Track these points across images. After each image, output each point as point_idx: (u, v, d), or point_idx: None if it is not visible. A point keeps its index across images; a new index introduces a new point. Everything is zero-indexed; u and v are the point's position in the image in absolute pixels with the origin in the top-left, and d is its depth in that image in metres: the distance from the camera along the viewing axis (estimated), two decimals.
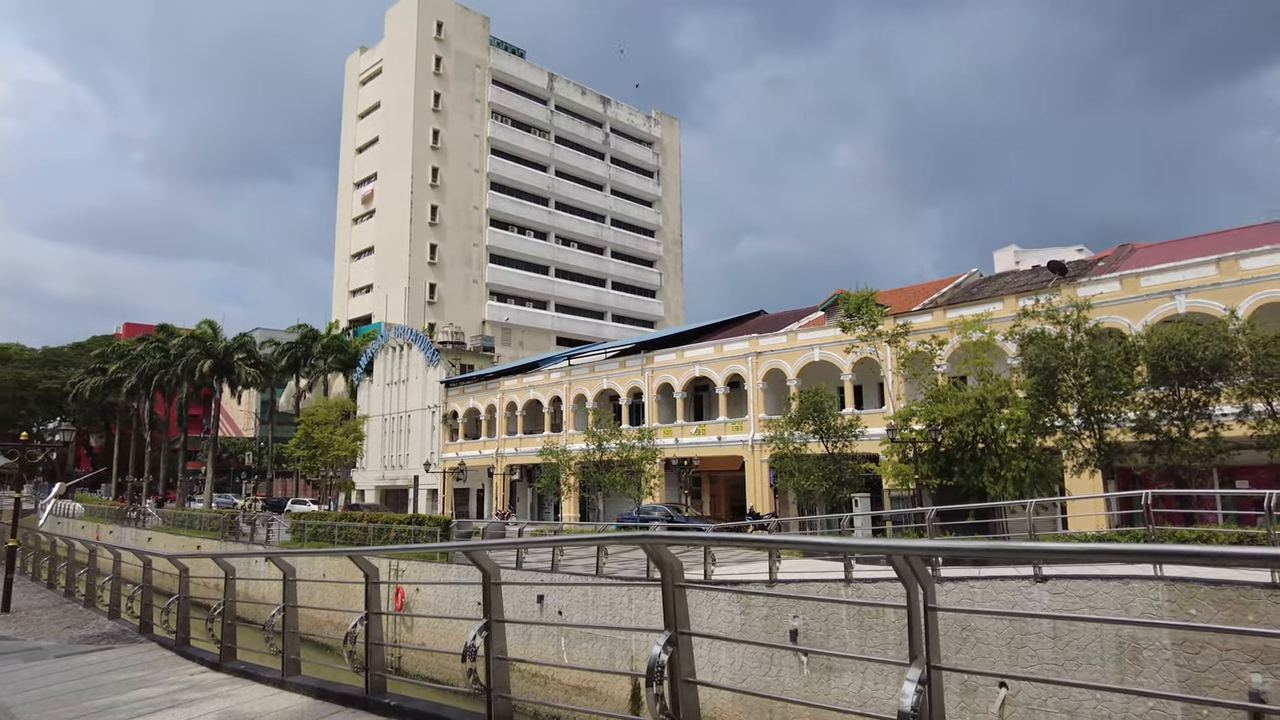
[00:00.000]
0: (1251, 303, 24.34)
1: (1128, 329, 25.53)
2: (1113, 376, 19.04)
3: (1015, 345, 22.43)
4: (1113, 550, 5.59)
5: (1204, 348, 18.26)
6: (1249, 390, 18.22)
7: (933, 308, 33.74)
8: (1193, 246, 31.60)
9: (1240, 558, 3.50)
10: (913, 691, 3.77)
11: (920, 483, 22.56)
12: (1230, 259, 25.57)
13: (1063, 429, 20.16)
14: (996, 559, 15.14)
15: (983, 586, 14.52)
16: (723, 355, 42.02)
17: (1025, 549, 4.52)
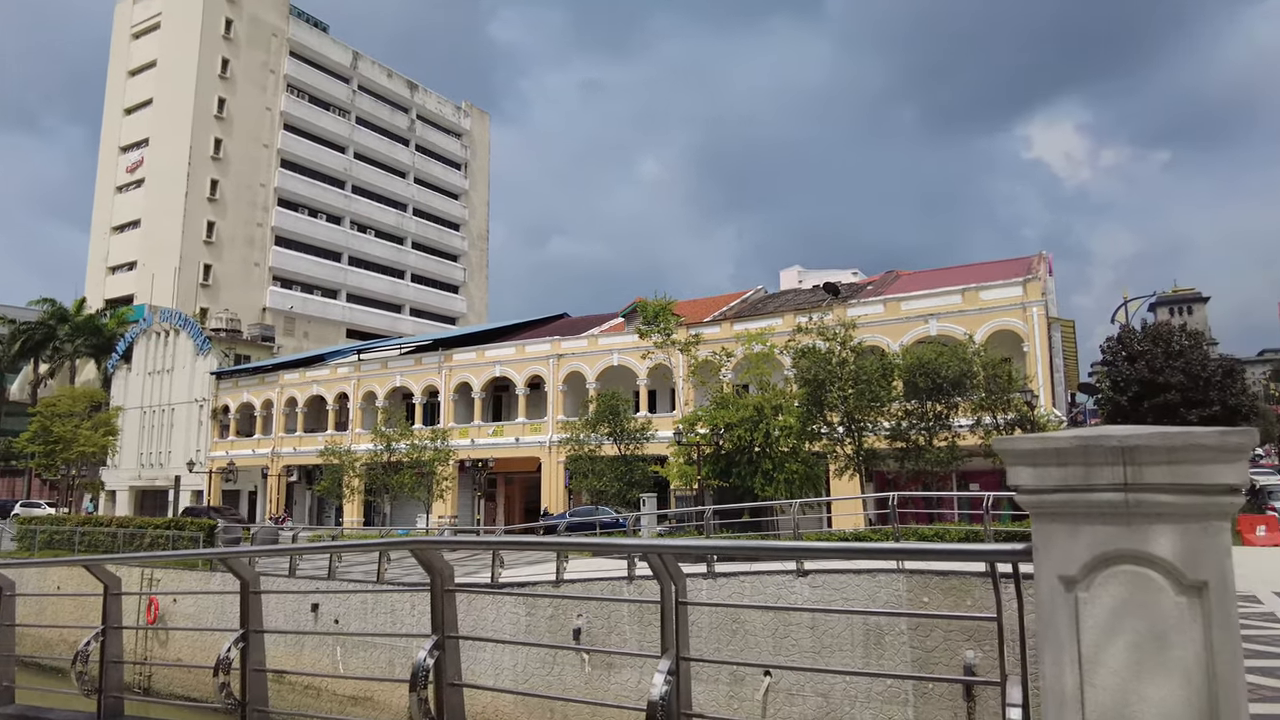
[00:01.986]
0: (987, 329, 27.97)
1: (888, 347, 28.42)
2: (872, 390, 21.18)
3: (790, 358, 24.27)
4: (768, 548, 6.21)
5: (947, 367, 20.77)
6: (981, 405, 20.94)
7: (722, 320, 35.68)
8: (946, 276, 35.73)
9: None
10: (662, 682, 3.99)
11: (702, 483, 23.79)
12: (972, 290, 29.23)
13: (828, 436, 22.11)
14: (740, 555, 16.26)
15: (752, 581, 15.55)
16: (525, 356, 41.91)
17: (753, 546, 4.91)
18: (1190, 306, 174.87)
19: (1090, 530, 2.78)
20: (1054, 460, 2.79)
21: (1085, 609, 2.79)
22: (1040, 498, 2.84)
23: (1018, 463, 2.89)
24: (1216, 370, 30.31)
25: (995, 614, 3.67)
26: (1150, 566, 2.70)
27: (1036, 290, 27.92)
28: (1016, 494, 2.97)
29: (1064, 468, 2.78)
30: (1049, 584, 2.86)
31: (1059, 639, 2.83)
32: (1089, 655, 2.77)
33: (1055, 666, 2.83)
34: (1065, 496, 2.79)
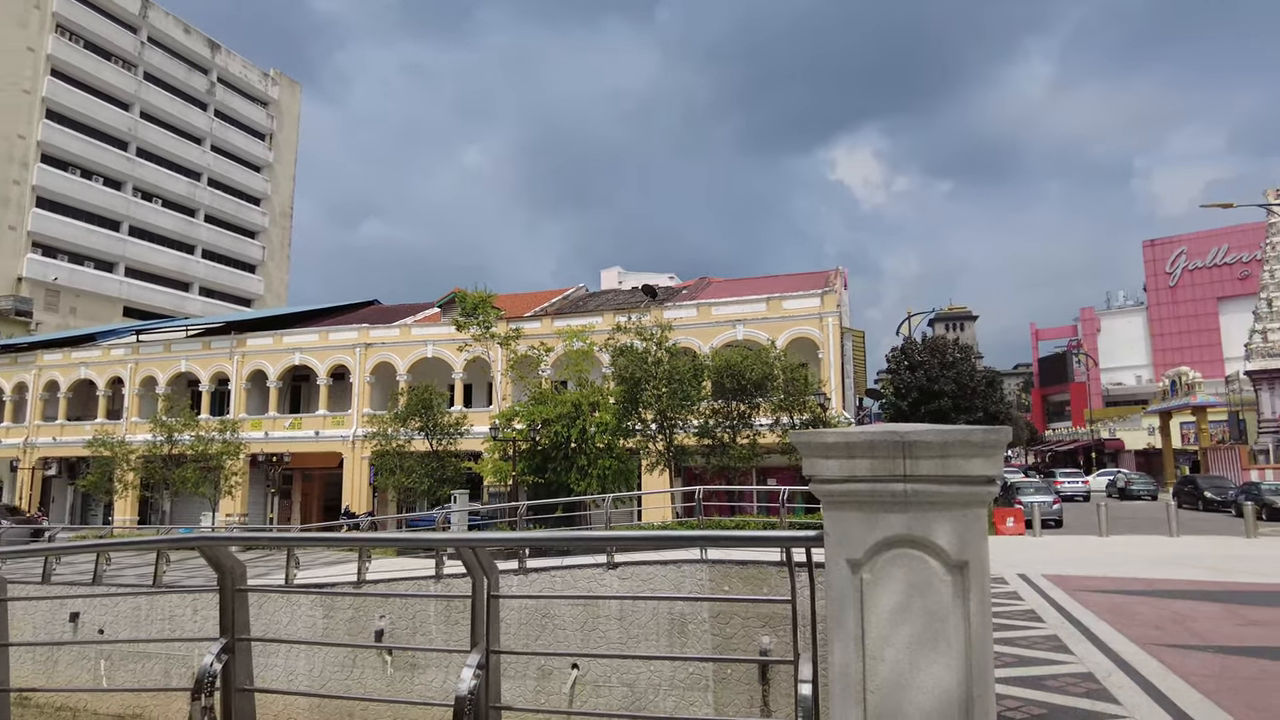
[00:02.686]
0: (788, 336, 29.88)
1: (699, 349, 29.65)
2: (684, 389, 22.03)
3: (609, 356, 24.71)
4: (580, 539, 6.44)
5: (751, 369, 22.00)
6: (779, 406, 22.38)
7: (543, 315, 35.64)
8: (754, 285, 37.77)
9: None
10: (471, 676, 3.95)
11: (517, 479, 23.66)
12: (776, 299, 31.13)
13: (642, 432, 22.73)
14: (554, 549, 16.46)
15: (563, 575, 15.67)
16: (329, 344, 39.60)
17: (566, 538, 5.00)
18: (962, 323, 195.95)
19: (875, 517, 3.08)
20: (846, 453, 3.07)
21: (869, 590, 3.09)
22: (833, 487, 3.11)
23: (814, 455, 3.15)
24: (981, 381, 34.23)
25: (790, 598, 3.97)
26: (924, 550, 3.03)
27: (832, 302, 30.23)
28: (811, 484, 3.23)
29: (854, 460, 3.07)
30: (838, 567, 3.14)
31: (845, 618, 3.11)
32: (872, 632, 3.07)
33: (842, 643, 3.11)
34: (854, 486, 3.08)
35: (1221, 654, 7.42)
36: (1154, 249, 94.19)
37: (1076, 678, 6.64)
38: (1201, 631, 8.46)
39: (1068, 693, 6.23)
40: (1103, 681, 6.47)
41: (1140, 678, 6.58)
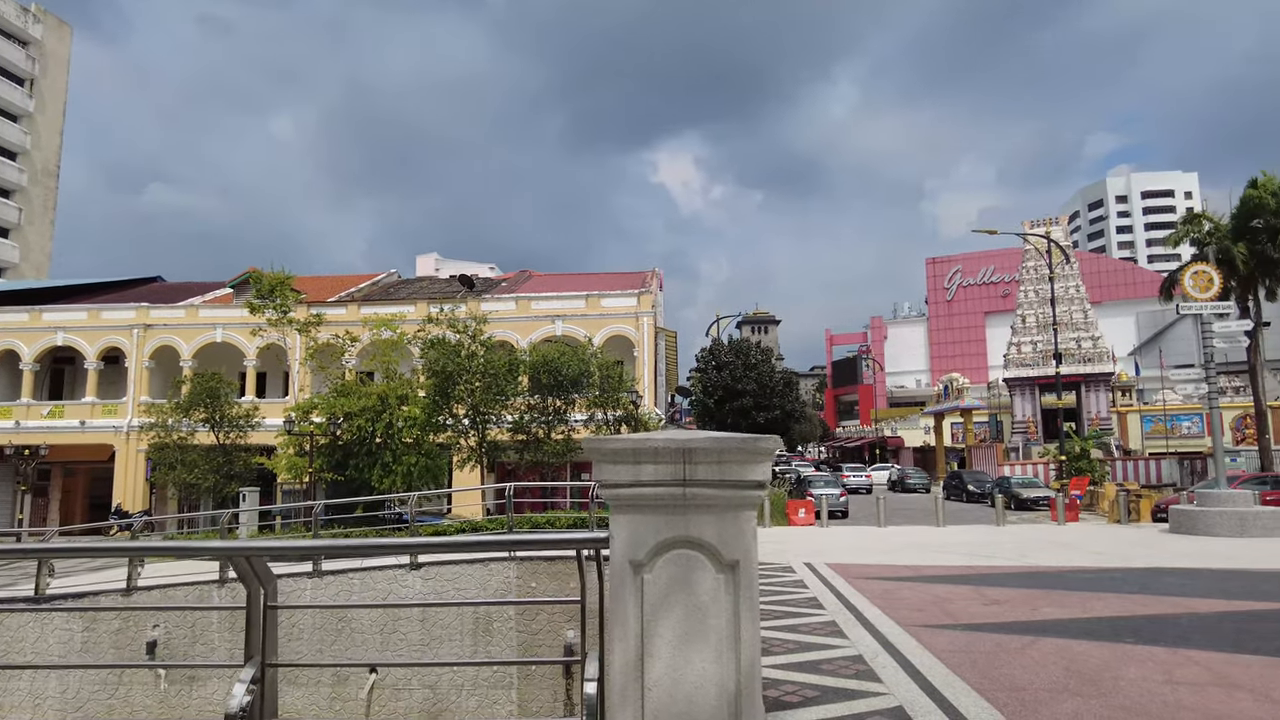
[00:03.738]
0: (605, 333, 30.33)
1: (517, 343, 29.42)
2: (499, 384, 21.78)
3: (419, 348, 23.92)
4: (368, 546, 6.29)
5: (568, 365, 22.14)
6: (594, 402, 22.69)
7: (350, 301, 33.90)
8: (574, 282, 38.00)
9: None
10: (243, 691, 3.70)
11: (315, 477, 22.35)
12: (595, 296, 31.51)
13: (453, 428, 22.21)
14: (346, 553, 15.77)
15: (362, 578, 15.00)
16: (100, 323, 35.47)
17: (355, 545, 4.82)
18: (767, 327, 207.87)
19: (657, 520, 3.21)
20: (632, 459, 3.17)
21: (649, 589, 3.20)
22: (620, 491, 3.20)
23: (603, 460, 3.23)
24: (779, 381, 36.46)
25: (580, 598, 4.03)
26: (700, 550, 3.19)
27: (648, 302, 31.07)
28: (600, 488, 3.31)
29: (640, 465, 3.17)
30: (621, 567, 3.23)
31: (626, 616, 3.21)
32: (649, 629, 3.19)
33: (622, 641, 3.21)
34: (640, 490, 3.19)
35: (968, 631, 8.37)
36: (935, 266, 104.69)
37: (848, 660, 7.23)
38: (954, 612, 9.50)
39: (840, 674, 6.77)
40: (870, 663, 7.10)
41: (901, 657, 7.28)
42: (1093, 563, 14.04)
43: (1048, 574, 12.73)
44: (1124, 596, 10.43)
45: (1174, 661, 6.99)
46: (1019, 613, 9.37)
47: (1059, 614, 9.22)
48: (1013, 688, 6.27)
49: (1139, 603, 9.93)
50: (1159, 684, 6.30)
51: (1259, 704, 5.76)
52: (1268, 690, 6.07)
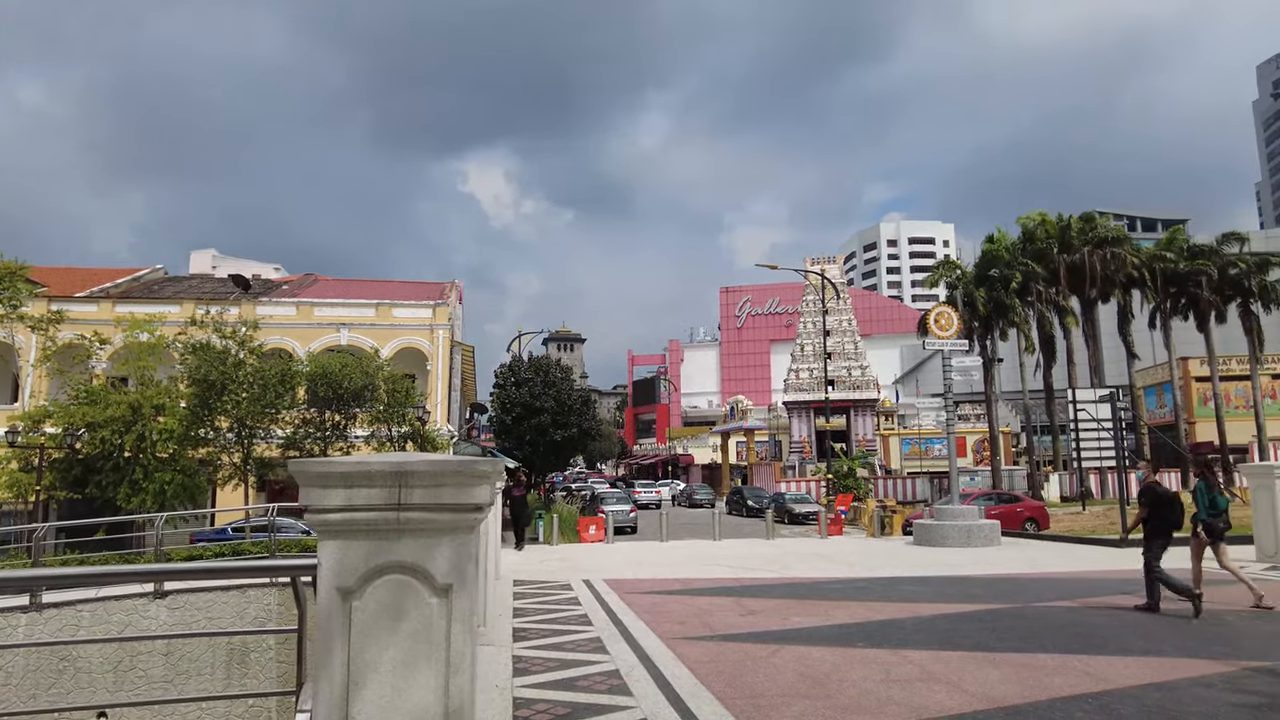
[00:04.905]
0: (396, 345, 29.20)
1: (296, 351, 27.57)
2: (269, 395, 20.23)
3: (179, 353, 21.77)
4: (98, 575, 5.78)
5: (350, 378, 21.02)
6: (378, 418, 21.69)
7: (103, 298, 30.27)
8: (366, 288, 36.29)
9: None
10: None
11: (43, 495, 19.57)
12: (386, 306, 30.27)
13: (215, 442, 20.35)
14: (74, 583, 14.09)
15: (94, 609, 13.33)
16: None
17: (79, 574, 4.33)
18: (573, 345, 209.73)
19: (368, 545, 3.10)
20: (340, 482, 3.05)
21: (358, 616, 3.09)
22: (330, 517, 3.07)
23: (311, 485, 3.08)
24: (578, 400, 36.81)
25: (297, 627, 3.82)
26: (415, 575, 3.13)
27: (444, 315, 30.30)
28: (306, 513, 3.16)
29: (352, 489, 3.06)
30: (328, 595, 3.09)
31: (334, 646, 3.07)
32: (358, 658, 3.07)
33: (328, 670, 3.07)
34: (352, 515, 3.07)
35: (721, 642, 8.83)
36: (727, 295, 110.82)
37: (605, 675, 7.38)
38: (713, 623, 9.99)
39: (594, 690, 6.89)
40: (625, 677, 7.29)
41: (655, 670, 7.54)
42: (845, 573, 15.32)
43: (803, 584, 13.74)
44: (864, 604, 11.46)
45: (893, 661, 7.77)
46: (771, 622, 10.03)
47: (806, 622, 9.97)
48: (752, 694, 6.69)
49: (875, 609, 10.95)
50: (877, 683, 6.98)
51: (951, 694, 6.54)
52: (960, 682, 6.91)
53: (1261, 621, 9.71)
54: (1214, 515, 10.89)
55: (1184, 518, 10.85)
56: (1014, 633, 9.11)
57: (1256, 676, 6.99)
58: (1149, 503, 10.67)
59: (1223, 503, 11.01)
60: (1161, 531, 10.44)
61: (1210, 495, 10.95)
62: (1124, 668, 7.34)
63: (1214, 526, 10.88)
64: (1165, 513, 10.53)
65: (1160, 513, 10.54)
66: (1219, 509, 10.92)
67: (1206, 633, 9.01)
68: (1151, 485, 10.99)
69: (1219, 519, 10.90)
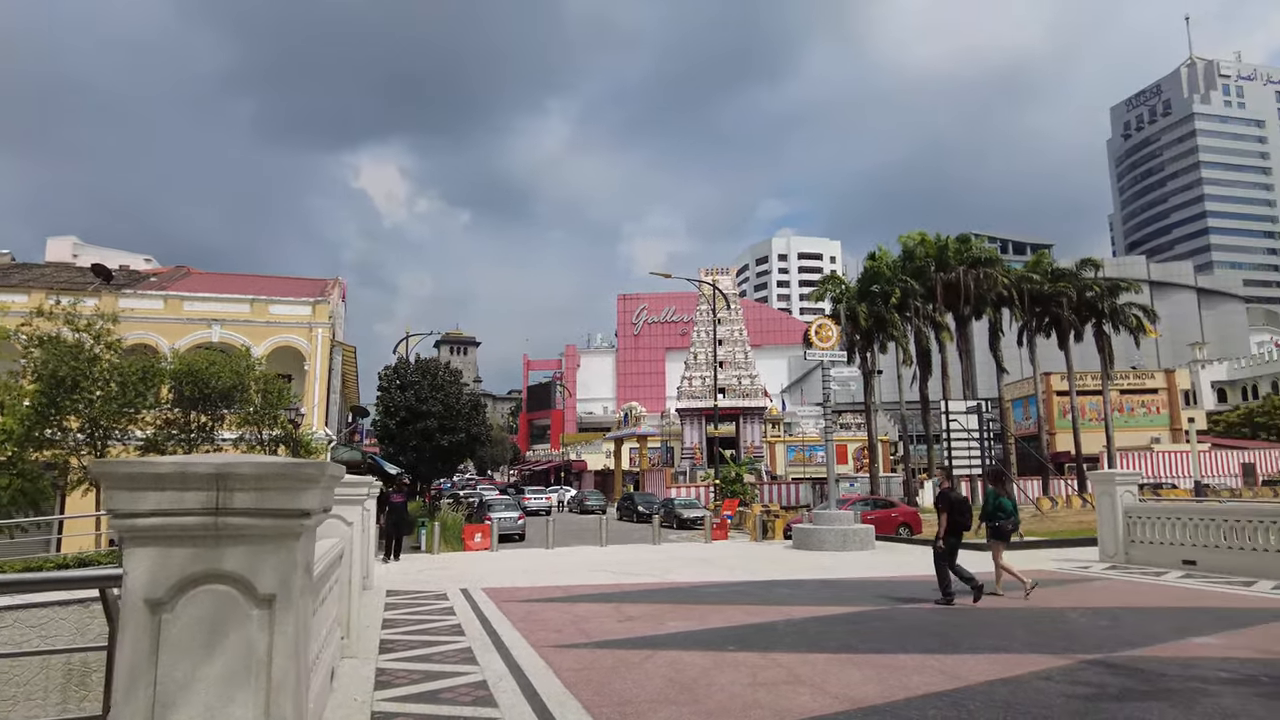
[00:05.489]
0: (272, 343, 27.80)
1: (161, 347, 25.83)
2: (127, 394, 18.81)
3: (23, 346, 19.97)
4: None
5: (219, 377, 19.80)
6: (248, 419, 20.51)
7: None
8: (242, 283, 34.41)
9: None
10: None
11: None
12: (262, 302, 28.78)
13: (63, 444, 18.76)
14: None
15: None
16: None
17: None
18: (466, 348, 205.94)
19: (182, 553, 2.86)
20: (152, 485, 2.80)
21: (169, 631, 2.83)
22: (133, 521, 2.81)
23: (115, 486, 2.81)
24: (467, 404, 36.04)
25: (108, 644, 3.49)
26: (233, 585, 2.90)
27: (324, 313, 29.07)
28: (111, 518, 2.88)
29: (161, 492, 2.81)
30: (135, 609, 2.83)
31: (140, 663, 2.81)
32: (168, 675, 2.81)
33: (133, 691, 2.80)
34: (159, 520, 2.82)
35: (595, 649, 8.75)
36: (625, 302, 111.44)
37: (472, 686, 7.17)
38: (589, 630, 9.90)
39: (458, 703, 6.67)
40: (492, 688, 7.10)
41: (525, 680, 7.38)
42: (724, 577, 15.55)
43: (683, 589, 13.85)
44: (740, 607, 11.64)
45: (762, 664, 7.89)
46: (647, 627, 10.03)
47: (682, 627, 10.02)
48: (620, 701, 6.63)
49: (750, 612, 11.13)
50: (744, 686, 7.06)
51: (814, 696, 6.68)
52: (824, 684, 7.07)
53: (1097, 616, 10.42)
54: (1002, 519, 12.27)
55: (973, 520, 12.48)
56: (879, 634, 9.44)
57: (1089, 668, 7.47)
58: (945, 506, 11.98)
59: (1009, 506, 12.45)
60: (953, 531, 11.78)
61: (999, 500, 12.37)
62: (976, 665, 7.70)
63: (1002, 529, 12.29)
64: (956, 515, 11.83)
65: (952, 515, 11.83)
66: (1007, 513, 12.34)
67: (1050, 629, 9.59)
68: (946, 491, 12.28)
69: (1006, 522, 12.32)
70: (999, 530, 12.32)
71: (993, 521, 12.38)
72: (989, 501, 12.54)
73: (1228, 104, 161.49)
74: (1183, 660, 7.80)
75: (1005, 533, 12.39)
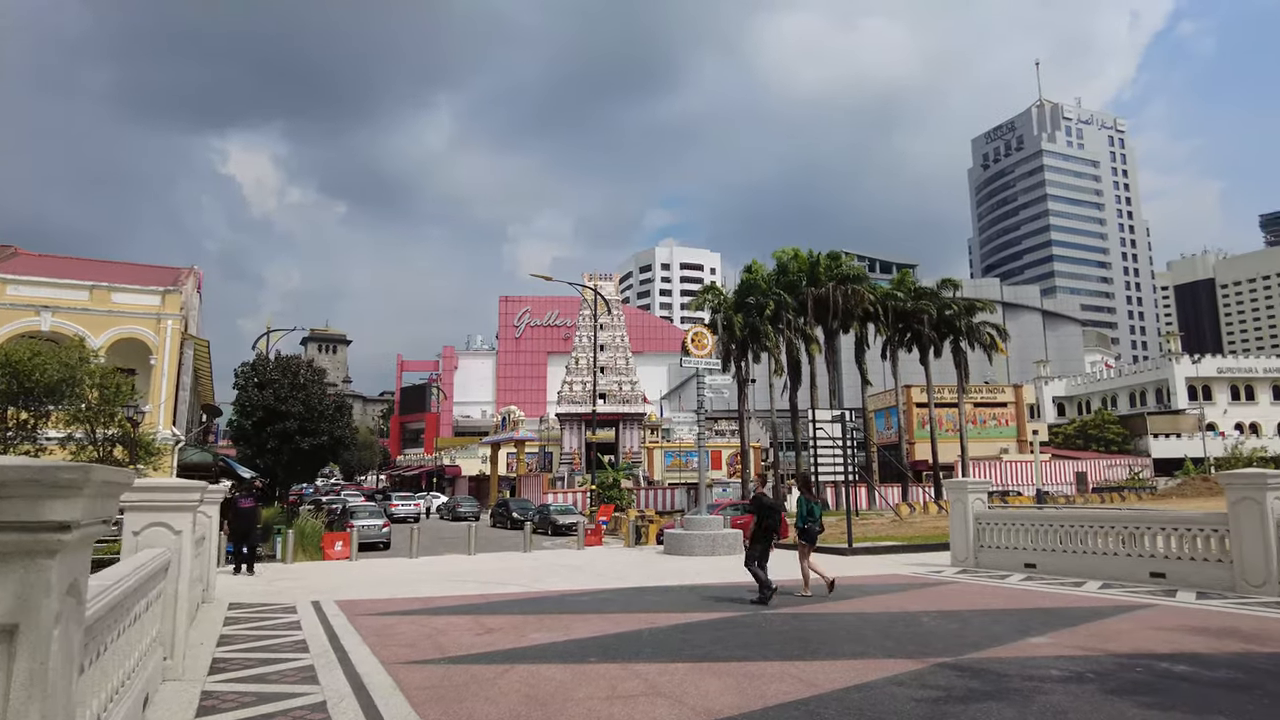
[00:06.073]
0: (113, 334, 25.51)
1: None
2: None
3: None
4: None
5: (45, 370, 17.95)
6: (79, 417, 18.71)
7: None
8: (82, 268, 31.48)
9: None
10: None
11: None
12: (104, 289, 26.38)
13: None
14: None
15: None
16: None
17: None
18: (336, 346, 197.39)
19: None
20: None
21: None
22: None
23: None
24: (330, 405, 34.35)
25: None
26: None
27: (176, 303, 26.95)
28: None
29: None
30: None
31: None
32: None
33: None
34: None
35: (449, 665, 8.31)
36: (507, 304, 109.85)
37: (308, 709, 6.61)
38: (445, 644, 9.43)
39: None
40: (331, 710, 6.57)
41: (368, 700, 6.88)
42: (594, 585, 15.32)
43: (550, 598, 13.52)
44: (606, 616, 11.43)
45: (621, 676, 7.68)
46: (508, 640, 9.65)
47: (544, 638, 9.70)
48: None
49: (616, 621, 10.94)
50: (601, 700, 6.82)
51: (671, 708, 6.52)
52: (682, 695, 6.93)
53: (948, 619, 10.84)
54: (810, 523, 13.26)
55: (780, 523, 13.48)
56: (743, 640, 9.43)
57: (938, 671, 7.68)
58: (755, 510, 12.90)
59: (818, 512, 13.50)
60: (763, 535, 12.69)
61: (808, 506, 13.37)
62: (833, 671, 7.78)
63: (810, 532, 13.26)
64: (765, 518, 12.80)
65: (760, 518, 12.81)
66: (815, 518, 13.35)
67: (904, 633, 9.88)
68: (759, 496, 13.31)
69: (814, 525, 13.32)
70: (806, 533, 13.27)
71: (802, 525, 13.31)
72: (800, 507, 13.51)
73: (1070, 144, 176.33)
74: (1021, 660, 8.16)
75: (812, 535, 13.34)
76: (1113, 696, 6.72)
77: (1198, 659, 8.17)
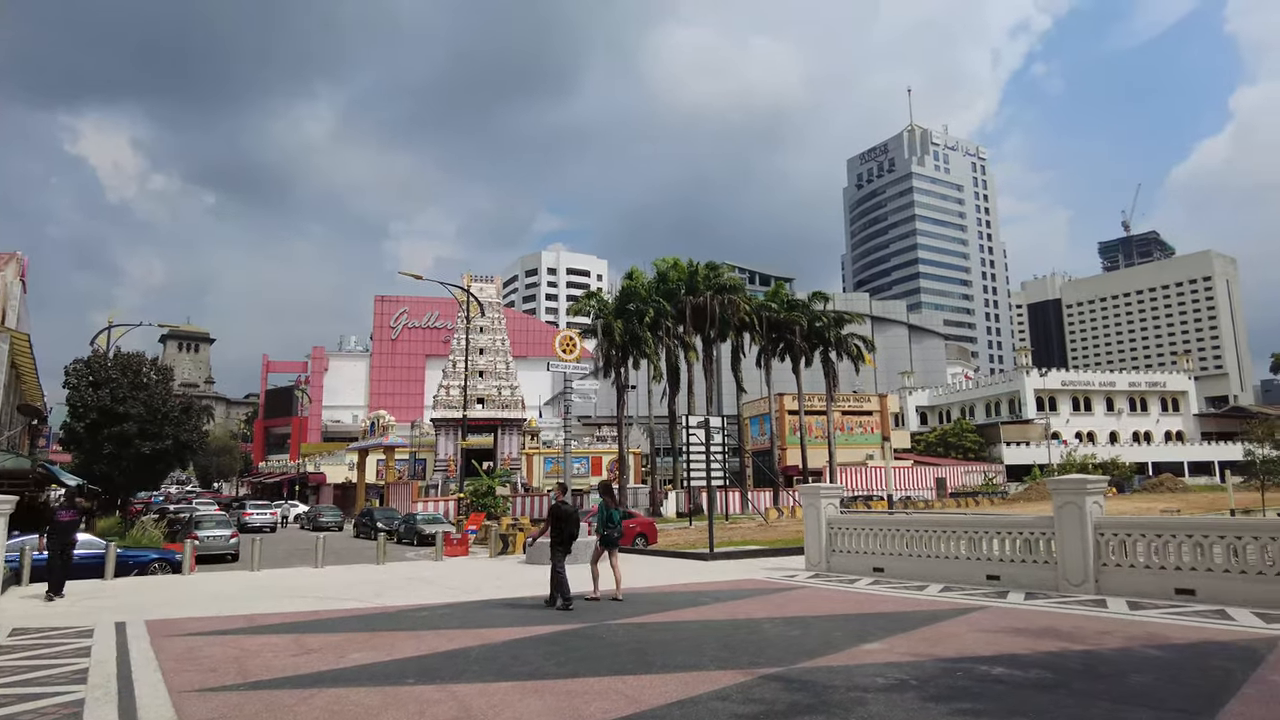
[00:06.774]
0: None
1: None
2: None
3: None
4: None
5: None
6: None
7: None
8: None
9: None
10: None
11: None
12: None
13: None
14: None
15: None
16: None
17: None
18: (198, 344, 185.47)
19: None
20: None
21: None
22: None
23: None
24: (176, 406, 31.88)
25: None
26: None
27: None
28: None
29: None
30: None
31: None
32: None
33: None
34: None
35: (247, 691, 7.54)
36: (383, 304, 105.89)
37: None
38: (253, 668, 8.60)
39: None
40: None
41: None
42: (440, 598, 14.60)
43: (387, 614, 12.74)
44: (440, 632, 10.81)
45: (436, 699, 7.15)
46: (325, 661, 8.92)
47: (365, 658, 9.02)
48: None
49: (448, 637, 10.35)
50: None
51: None
52: (494, 719, 6.49)
53: (790, 626, 10.84)
54: (609, 529, 13.69)
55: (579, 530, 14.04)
56: (577, 655, 9.06)
57: (765, 684, 7.54)
58: (551, 518, 13.27)
59: (617, 518, 13.92)
60: (562, 541, 13.05)
61: (608, 512, 13.75)
62: (662, 686, 7.51)
63: (609, 537, 13.71)
64: (563, 526, 13.17)
65: (559, 526, 13.13)
66: (614, 523, 13.79)
67: (743, 641, 9.77)
68: (559, 503, 13.59)
69: (613, 531, 13.77)
70: (607, 539, 13.66)
71: (602, 531, 13.67)
72: (601, 513, 13.75)
73: (937, 168, 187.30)
74: (850, 669, 8.14)
75: (613, 541, 13.75)
76: (929, 704, 6.74)
77: (1015, 660, 8.40)
